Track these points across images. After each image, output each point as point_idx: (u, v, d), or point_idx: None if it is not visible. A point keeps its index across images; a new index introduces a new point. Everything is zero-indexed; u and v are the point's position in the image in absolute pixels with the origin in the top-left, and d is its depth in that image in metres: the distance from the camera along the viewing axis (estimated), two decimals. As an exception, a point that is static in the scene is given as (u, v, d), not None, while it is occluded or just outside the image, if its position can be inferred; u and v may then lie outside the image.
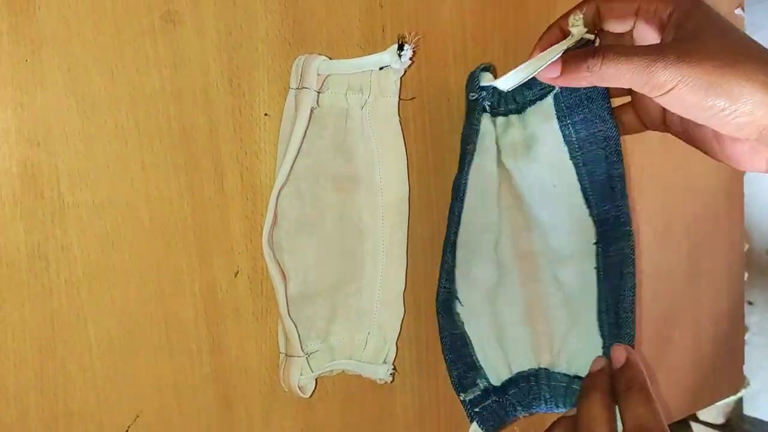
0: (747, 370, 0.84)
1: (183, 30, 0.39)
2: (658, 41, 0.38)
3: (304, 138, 0.40)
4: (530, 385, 0.47)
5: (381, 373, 0.45)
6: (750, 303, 1.18)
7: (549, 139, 0.46)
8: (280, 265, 0.42)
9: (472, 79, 0.46)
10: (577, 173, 0.46)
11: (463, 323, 0.47)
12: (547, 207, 0.47)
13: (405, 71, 0.44)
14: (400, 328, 0.47)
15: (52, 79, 0.36)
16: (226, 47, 0.41)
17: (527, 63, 0.37)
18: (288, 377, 0.42)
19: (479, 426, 0.45)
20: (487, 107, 0.46)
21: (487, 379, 0.47)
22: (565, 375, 0.47)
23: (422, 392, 0.51)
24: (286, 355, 0.43)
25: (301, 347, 0.42)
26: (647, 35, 0.39)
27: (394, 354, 0.46)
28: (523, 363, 0.48)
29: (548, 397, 0.47)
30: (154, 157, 0.39)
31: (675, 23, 0.36)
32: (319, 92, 0.41)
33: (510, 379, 0.48)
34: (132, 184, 0.39)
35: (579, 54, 0.36)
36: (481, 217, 0.47)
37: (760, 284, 1.19)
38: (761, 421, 1.11)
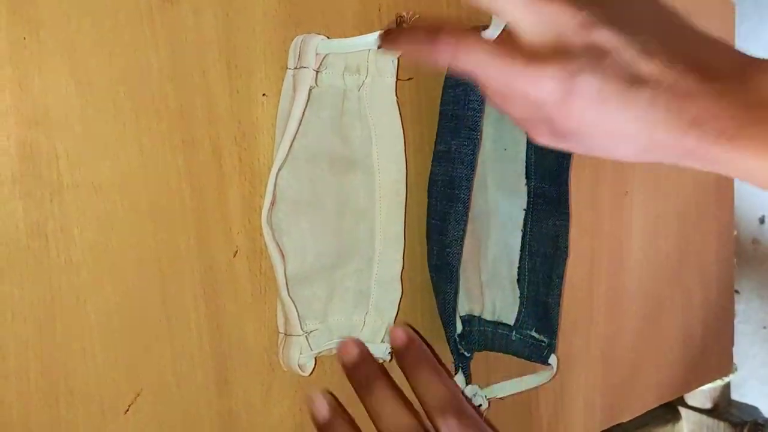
0: (734, 357, 0.86)
1: (180, 11, 0.39)
2: None
3: (302, 118, 0.41)
4: (465, 330, 0.51)
5: (379, 351, 0.45)
6: (737, 292, 1.19)
7: None
8: (279, 246, 0.42)
9: None
10: (527, 146, 0.49)
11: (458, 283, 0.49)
12: (493, 167, 0.50)
13: None
14: (398, 309, 0.47)
15: (51, 60, 0.36)
16: (224, 28, 0.41)
17: None
18: (287, 356, 0.43)
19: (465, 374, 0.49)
20: None
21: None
22: (489, 321, 0.52)
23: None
24: (285, 334, 0.43)
25: (300, 326, 0.43)
26: None
27: None
28: (460, 309, 0.52)
29: (477, 341, 0.52)
30: (151, 139, 0.39)
31: None
32: (317, 72, 0.41)
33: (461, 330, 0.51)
34: (130, 165, 0.39)
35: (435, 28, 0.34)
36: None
37: (747, 273, 1.20)
38: (748, 406, 1.12)
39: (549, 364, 0.50)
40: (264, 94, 0.42)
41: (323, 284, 0.45)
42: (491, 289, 0.52)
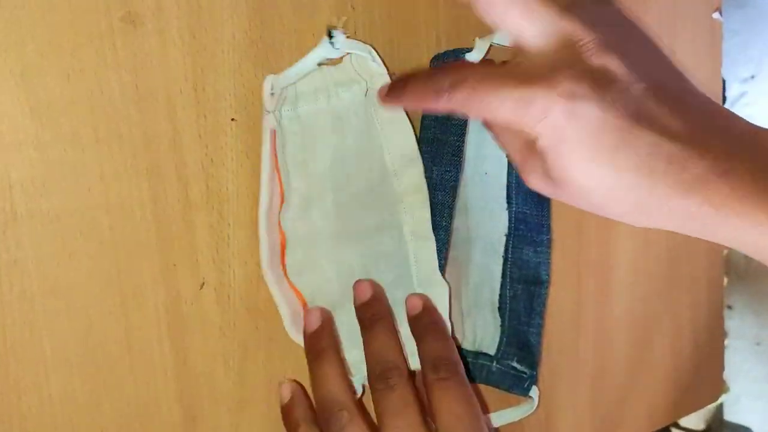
0: (727, 374, 0.84)
1: (144, 32, 0.38)
2: None
3: (272, 161, 0.40)
4: None
5: None
6: (729, 307, 1.18)
7: None
8: (293, 289, 0.43)
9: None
10: (508, 171, 0.47)
11: None
12: (474, 192, 0.48)
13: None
14: (449, 306, 0.45)
15: (4, 84, 0.34)
16: (190, 50, 0.39)
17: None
18: None
19: None
20: None
21: None
22: (470, 351, 0.50)
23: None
24: None
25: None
26: None
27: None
28: None
29: None
30: (113, 165, 0.37)
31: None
32: (271, 111, 0.40)
33: None
34: (90, 193, 0.37)
35: (430, 74, 0.32)
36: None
37: (740, 288, 1.19)
38: (741, 427, 1.11)
39: (530, 397, 0.48)
40: (233, 119, 0.40)
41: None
42: (472, 317, 0.50)
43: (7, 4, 0.34)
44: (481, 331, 0.50)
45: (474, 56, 0.43)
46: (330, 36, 0.39)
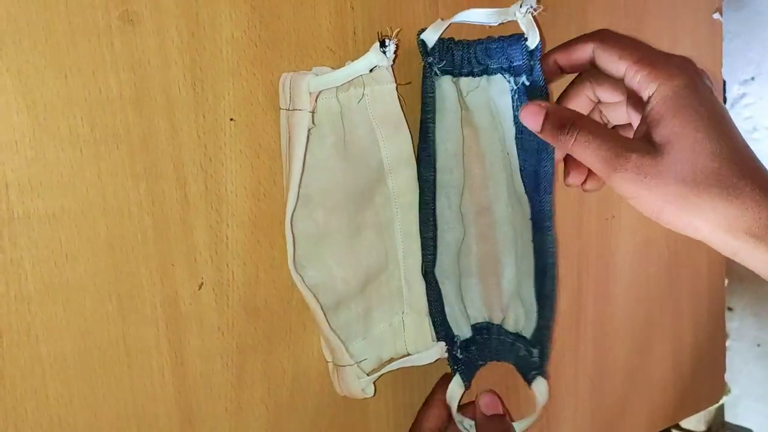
0: (728, 376, 0.84)
1: (142, 31, 0.37)
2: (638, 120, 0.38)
3: (304, 160, 0.40)
4: (483, 338, 0.50)
5: (434, 355, 0.45)
6: (730, 309, 1.18)
7: (505, 112, 0.46)
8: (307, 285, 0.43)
9: (421, 45, 0.44)
10: (519, 155, 0.46)
11: (439, 285, 0.47)
12: (497, 173, 0.48)
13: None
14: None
15: (0, 83, 0.34)
16: (189, 49, 0.39)
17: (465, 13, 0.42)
18: (348, 386, 0.43)
19: (461, 378, 0.47)
20: (438, 71, 0.44)
21: (456, 336, 0.48)
22: (510, 333, 0.50)
23: (397, 405, 0.50)
24: (334, 364, 0.44)
25: (349, 356, 0.43)
26: (631, 105, 0.40)
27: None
28: (477, 316, 0.50)
29: (497, 350, 0.50)
30: (111, 165, 0.37)
31: (651, 115, 0.35)
32: (313, 112, 0.39)
33: (471, 335, 0.49)
34: (87, 193, 0.37)
35: (557, 120, 0.37)
36: (449, 178, 0.47)
37: (740, 290, 1.18)
38: (743, 428, 1.10)
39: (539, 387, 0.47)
40: (232, 119, 0.40)
41: (359, 302, 0.45)
42: (512, 296, 0.50)
43: (3, 1, 0.34)
44: (522, 317, 0.49)
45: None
46: (383, 45, 0.39)
